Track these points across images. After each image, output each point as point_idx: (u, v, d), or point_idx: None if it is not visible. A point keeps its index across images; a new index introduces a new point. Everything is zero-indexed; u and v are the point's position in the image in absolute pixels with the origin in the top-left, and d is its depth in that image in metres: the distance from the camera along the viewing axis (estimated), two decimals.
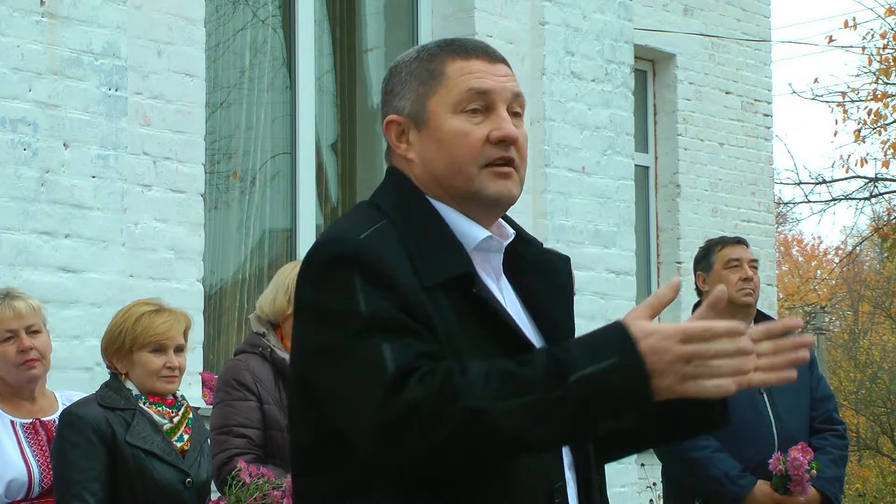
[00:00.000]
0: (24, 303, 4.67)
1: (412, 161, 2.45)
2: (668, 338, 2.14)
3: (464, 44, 2.47)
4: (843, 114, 16.09)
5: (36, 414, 4.67)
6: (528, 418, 2.14)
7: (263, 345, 4.72)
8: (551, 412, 2.14)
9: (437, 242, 2.37)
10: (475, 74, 2.42)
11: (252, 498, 4.28)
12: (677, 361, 2.14)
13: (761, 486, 5.33)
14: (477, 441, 2.16)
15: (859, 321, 31.01)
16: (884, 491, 23.71)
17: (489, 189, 2.40)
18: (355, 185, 7.61)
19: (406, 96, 2.45)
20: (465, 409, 2.14)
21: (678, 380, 2.15)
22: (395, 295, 2.25)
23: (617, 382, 2.14)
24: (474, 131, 2.40)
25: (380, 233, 2.34)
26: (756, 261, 5.76)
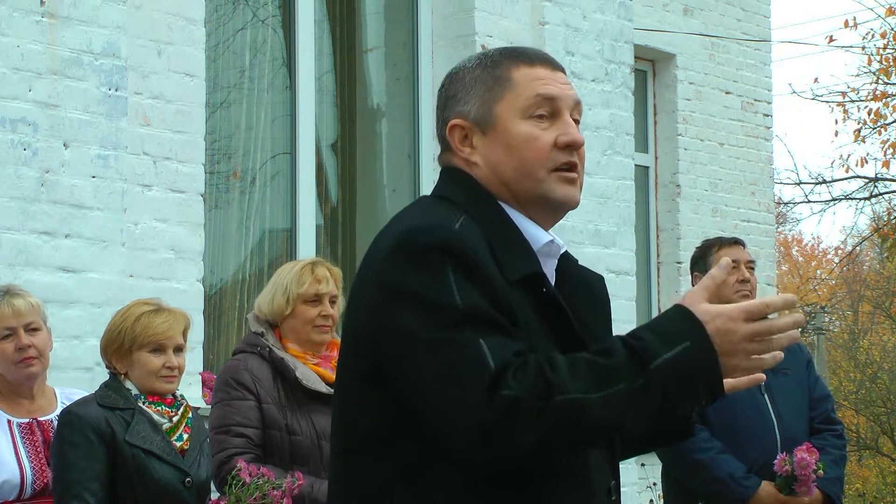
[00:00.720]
0: (24, 300, 4.67)
1: (476, 164, 2.48)
2: (733, 319, 2.24)
3: (526, 52, 2.54)
4: (843, 114, 16.09)
5: (34, 413, 4.66)
6: (620, 406, 2.22)
7: (262, 344, 4.72)
8: (640, 399, 2.22)
9: (513, 240, 2.42)
10: (542, 81, 2.48)
11: (252, 498, 4.28)
12: (744, 340, 2.24)
13: (766, 486, 5.33)
14: (577, 432, 2.23)
15: (859, 321, 31.01)
16: (884, 491, 23.70)
17: (556, 193, 2.46)
18: (355, 185, 7.61)
19: (471, 101, 2.49)
20: (563, 402, 2.20)
21: (745, 357, 2.25)
22: (486, 289, 2.29)
23: (692, 365, 2.23)
24: (542, 136, 2.45)
25: (468, 225, 2.38)
26: (753, 262, 5.76)
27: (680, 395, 2.24)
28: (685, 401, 2.26)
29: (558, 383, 2.21)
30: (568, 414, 2.20)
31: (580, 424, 2.21)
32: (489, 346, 2.23)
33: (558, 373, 2.22)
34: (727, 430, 5.36)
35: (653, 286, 9.90)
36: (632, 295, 8.09)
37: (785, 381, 5.56)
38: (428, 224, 2.37)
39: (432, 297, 2.27)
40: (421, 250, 2.32)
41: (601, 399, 2.21)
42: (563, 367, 2.23)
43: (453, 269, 2.28)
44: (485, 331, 2.25)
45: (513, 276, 2.35)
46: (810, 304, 28.90)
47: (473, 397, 2.21)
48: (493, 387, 2.20)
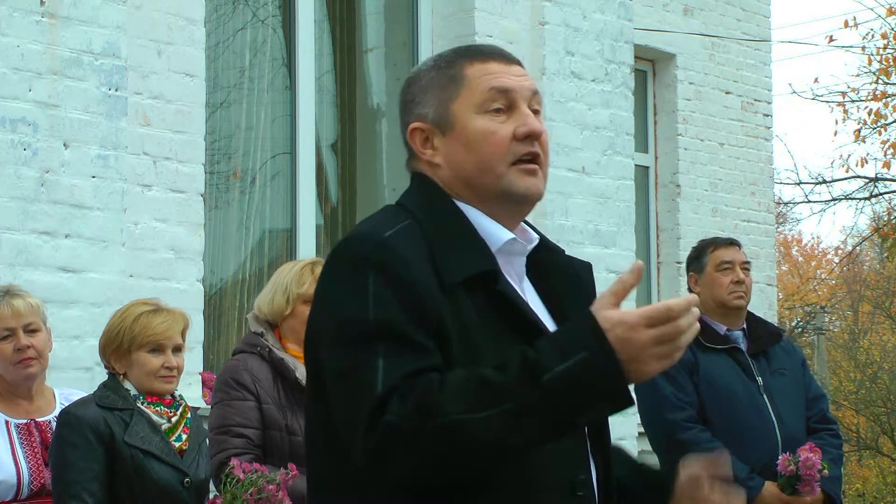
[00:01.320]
0: (23, 301, 4.66)
1: (438, 166, 2.48)
2: (633, 327, 2.17)
3: (479, 48, 2.53)
4: (843, 114, 16.09)
5: (32, 414, 4.66)
6: (506, 425, 2.17)
7: (262, 344, 4.72)
8: (529, 416, 2.17)
9: (462, 241, 2.41)
10: (495, 74, 2.47)
11: (247, 493, 4.28)
12: (648, 346, 2.17)
13: (769, 487, 5.33)
14: (458, 455, 2.19)
15: (859, 321, 31.00)
16: (884, 491, 23.70)
17: (518, 186, 2.44)
18: (355, 185, 7.61)
19: (428, 103, 2.49)
20: (441, 425, 2.18)
21: (654, 361, 2.19)
22: (408, 298, 2.29)
23: (589, 376, 2.17)
24: (500, 129, 2.44)
25: (404, 231, 2.38)
26: (748, 262, 5.75)
27: (575, 408, 2.19)
28: (582, 412, 2.20)
29: (439, 405, 2.18)
30: (446, 436, 2.17)
31: (460, 446, 2.18)
32: (385, 366, 2.23)
33: (442, 394, 2.19)
34: (728, 430, 5.36)
35: (653, 286, 9.90)
36: (632, 295, 8.08)
37: (782, 382, 5.56)
38: (360, 233, 2.40)
39: (347, 310, 2.30)
40: (347, 261, 2.36)
41: (485, 419, 2.17)
42: (451, 387, 2.20)
43: (375, 279, 2.29)
44: (389, 348, 2.25)
45: (453, 279, 2.34)
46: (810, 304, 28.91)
47: (359, 421, 2.23)
48: (376, 412, 2.21)
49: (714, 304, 5.61)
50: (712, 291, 5.63)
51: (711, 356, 5.51)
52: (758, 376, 5.53)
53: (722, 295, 5.59)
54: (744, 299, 5.61)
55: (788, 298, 29.18)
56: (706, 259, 5.68)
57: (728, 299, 5.58)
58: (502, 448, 2.20)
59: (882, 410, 24.29)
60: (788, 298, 29.18)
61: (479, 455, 2.20)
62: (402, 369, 2.23)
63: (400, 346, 2.26)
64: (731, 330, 5.60)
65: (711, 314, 5.62)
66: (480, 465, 2.23)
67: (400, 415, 2.19)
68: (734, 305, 5.60)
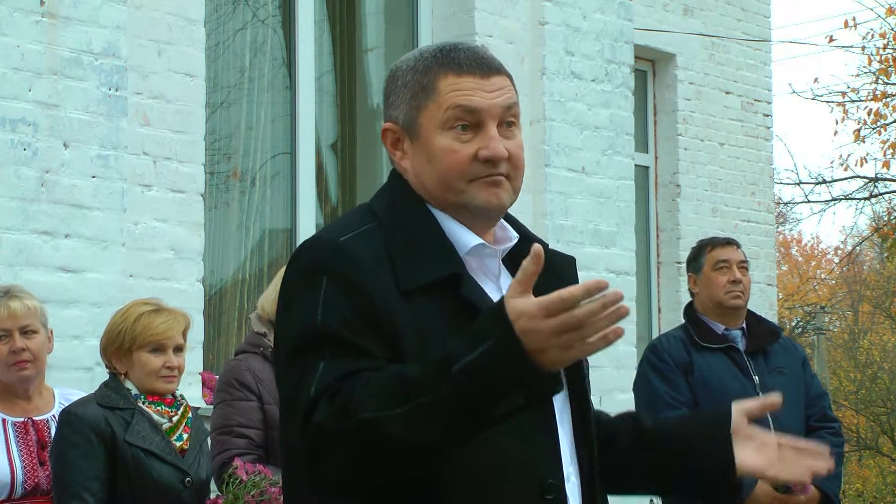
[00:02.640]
0: (21, 303, 4.65)
1: (407, 169, 2.48)
2: (533, 317, 2.11)
3: (457, 57, 2.45)
4: (843, 114, 16.10)
5: (30, 413, 4.66)
6: (420, 420, 2.15)
7: (264, 344, 4.72)
8: (442, 409, 2.15)
9: (427, 245, 2.39)
10: (464, 92, 2.42)
11: (249, 495, 4.28)
12: (550, 336, 2.12)
13: (761, 485, 5.32)
14: (378, 452, 2.18)
15: (859, 321, 31.01)
16: (884, 491, 23.70)
17: (477, 200, 2.42)
18: (355, 185, 7.61)
19: (400, 106, 2.48)
20: (359, 422, 2.17)
21: (562, 350, 2.13)
22: (357, 303, 2.28)
23: (494, 365, 2.13)
24: (462, 150, 2.41)
25: (363, 236, 2.37)
26: (746, 262, 5.74)
27: (487, 398, 2.14)
28: (496, 402, 2.14)
29: (360, 403, 2.17)
30: (365, 434, 2.17)
31: (377, 443, 2.17)
32: (323, 370, 2.24)
33: (364, 392, 2.18)
34: None
35: (653, 286, 9.90)
36: (632, 295, 8.09)
37: (780, 381, 5.55)
38: (316, 239, 2.41)
39: (298, 316, 2.32)
40: (301, 267, 2.37)
41: (402, 415, 2.15)
42: (371, 385, 2.20)
43: (327, 285, 2.30)
44: (334, 352, 2.25)
45: (412, 284, 2.32)
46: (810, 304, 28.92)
47: (295, 424, 2.25)
48: (308, 414, 2.22)
49: (711, 303, 5.61)
50: (709, 291, 5.63)
51: (707, 355, 5.51)
52: (754, 375, 5.52)
53: (718, 294, 5.59)
54: (741, 299, 5.60)
55: (788, 298, 29.17)
56: (704, 259, 5.68)
57: (724, 299, 5.58)
58: (420, 444, 2.17)
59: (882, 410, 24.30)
60: (788, 298, 29.17)
61: (398, 451, 2.18)
62: (337, 372, 2.24)
63: (344, 350, 2.26)
64: (730, 329, 5.60)
65: (709, 314, 5.62)
66: (402, 462, 2.21)
67: (325, 415, 2.20)
68: (731, 305, 5.59)
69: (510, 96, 2.46)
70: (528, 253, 2.50)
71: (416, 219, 2.43)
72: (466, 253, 2.42)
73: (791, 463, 2.58)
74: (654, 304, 9.89)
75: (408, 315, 2.30)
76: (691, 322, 5.64)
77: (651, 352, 5.61)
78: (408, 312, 2.30)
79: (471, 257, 2.44)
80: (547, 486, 2.34)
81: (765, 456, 2.58)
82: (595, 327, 2.12)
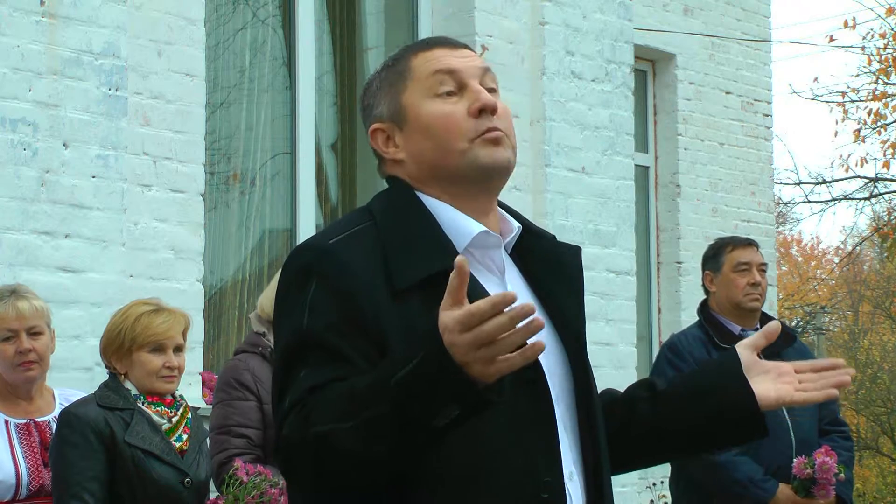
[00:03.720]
0: (28, 303, 4.65)
1: (403, 161, 2.46)
2: (451, 331, 2.09)
3: (423, 40, 2.55)
4: (843, 114, 16.10)
5: (31, 414, 4.66)
6: (367, 434, 2.16)
7: (264, 344, 4.72)
8: (384, 423, 2.15)
9: (422, 241, 2.37)
10: (439, 59, 2.46)
11: (250, 496, 4.28)
12: (469, 349, 2.08)
13: (783, 489, 5.31)
14: (334, 464, 2.20)
15: (859, 321, 31.00)
16: (884, 491, 23.70)
17: (483, 158, 2.40)
18: (355, 185, 7.61)
19: (381, 103, 2.49)
20: (314, 435, 2.20)
21: (484, 364, 2.09)
22: (344, 306, 2.28)
23: (425, 378, 2.12)
24: (454, 110, 2.42)
25: (354, 237, 2.37)
26: (765, 264, 5.74)
27: (425, 411, 2.12)
28: (435, 415, 2.13)
29: (316, 417, 2.20)
30: (321, 448, 2.19)
31: (332, 456, 2.19)
32: (301, 379, 2.26)
33: (324, 405, 2.20)
34: None
35: (653, 286, 9.90)
36: (632, 295, 8.09)
37: None
38: (307, 242, 2.42)
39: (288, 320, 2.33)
40: (292, 271, 2.38)
41: (347, 429, 2.16)
42: (329, 399, 2.21)
43: (315, 289, 2.31)
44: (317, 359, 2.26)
45: (405, 283, 2.31)
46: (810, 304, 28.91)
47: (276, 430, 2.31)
48: (281, 427, 2.27)
49: (729, 304, 5.60)
50: (728, 292, 5.62)
51: None
52: None
53: (738, 296, 5.58)
54: (759, 301, 5.61)
55: (788, 298, 29.16)
56: (723, 259, 5.66)
57: (743, 301, 5.57)
58: (370, 457, 2.18)
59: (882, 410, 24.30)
60: (788, 298, 29.16)
61: (351, 465, 2.19)
62: (312, 382, 2.25)
63: (326, 357, 2.26)
64: (746, 330, 5.59)
65: (726, 314, 5.61)
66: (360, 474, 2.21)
67: (291, 427, 2.23)
68: (749, 307, 5.59)
69: (483, 62, 2.49)
70: (533, 246, 2.50)
71: (413, 215, 2.41)
72: (469, 245, 2.40)
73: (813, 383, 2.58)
74: (654, 304, 9.89)
75: (397, 316, 2.29)
76: (708, 321, 5.63)
77: (670, 350, 5.59)
78: (397, 313, 2.29)
79: (474, 250, 2.41)
80: (543, 484, 2.31)
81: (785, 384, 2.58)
82: (510, 342, 2.07)
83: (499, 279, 2.43)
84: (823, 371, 2.58)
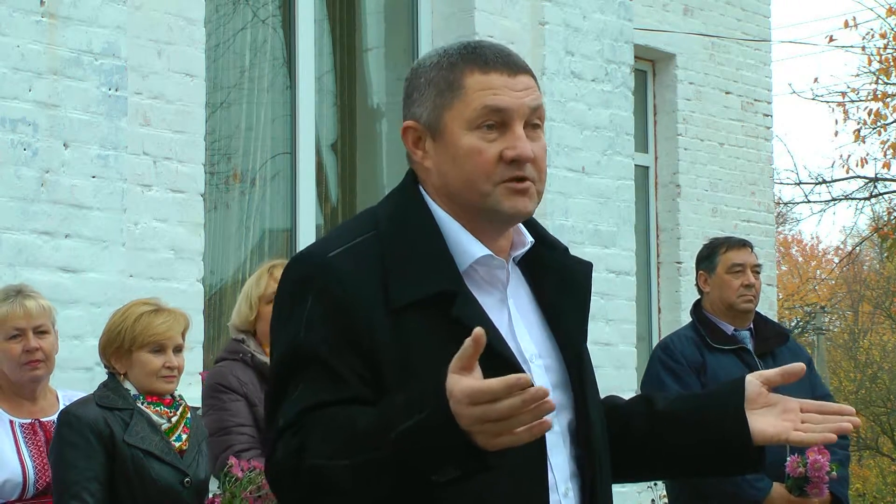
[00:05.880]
0: (35, 302, 4.66)
1: (429, 169, 2.42)
2: (459, 402, 2.07)
3: (484, 54, 2.40)
4: (843, 114, 16.10)
5: (36, 414, 4.66)
6: (363, 476, 2.15)
7: (244, 351, 4.76)
8: (382, 470, 2.14)
9: (423, 259, 2.34)
10: (492, 90, 2.36)
11: (246, 492, 4.28)
12: (475, 423, 2.06)
13: (777, 488, 5.32)
14: (327, 498, 2.20)
15: (859, 321, 31.01)
16: (884, 491, 23.70)
17: (503, 206, 2.37)
18: (355, 185, 7.61)
19: (424, 104, 2.41)
20: (309, 468, 2.19)
21: (489, 437, 2.08)
22: (340, 322, 2.26)
23: (427, 436, 2.10)
24: (488, 150, 2.35)
25: (356, 249, 2.34)
26: (759, 265, 5.74)
27: (425, 466, 2.11)
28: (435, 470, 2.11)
29: (314, 447, 2.19)
30: (315, 480, 2.18)
31: (330, 490, 2.18)
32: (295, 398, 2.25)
33: (320, 435, 2.19)
34: None
35: (653, 286, 9.90)
36: (632, 295, 8.09)
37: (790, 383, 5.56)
38: (307, 252, 2.40)
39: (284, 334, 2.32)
40: (290, 283, 2.36)
41: (344, 468, 2.16)
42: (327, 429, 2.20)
43: (312, 303, 2.29)
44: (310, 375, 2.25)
45: (402, 301, 2.28)
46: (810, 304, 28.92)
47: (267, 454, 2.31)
48: (274, 447, 2.26)
49: (723, 305, 5.61)
50: (722, 293, 5.62)
51: (718, 356, 5.51)
52: None
53: (731, 297, 5.59)
54: (752, 303, 5.61)
55: (788, 298, 29.17)
56: (718, 259, 5.67)
57: (737, 302, 5.58)
58: (365, 497, 2.18)
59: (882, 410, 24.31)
60: (788, 298, 29.17)
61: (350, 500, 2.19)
62: (305, 403, 2.24)
63: (321, 374, 2.25)
64: (738, 330, 5.60)
65: (719, 315, 5.62)
66: None
67: (284, 453, 2.22)
68: (743, 308, 5.60)
69: (537, 97, 2.41)
70: (544, 257, 2.48)
71: (419, 229, 2.38)
72: (475, 261, 2.38)
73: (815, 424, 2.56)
74: (654, 304, 9.90)
75: (393, 334, 2.27)
76: (700, 322, 5.64)
77: (663, 351, 5.60)
78: (393, 331, 2.27)
79: (478, 266, 2.39)
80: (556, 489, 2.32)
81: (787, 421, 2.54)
82: (519, 421, 2.05)
83: (501, 293, 2.42)
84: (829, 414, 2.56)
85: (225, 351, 4.87)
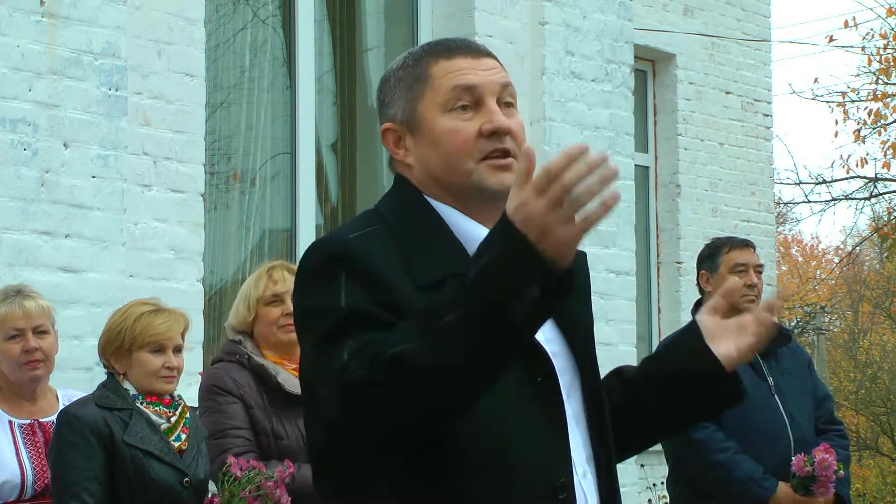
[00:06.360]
0: (35, 302, 4.67)
1: (411, 166, 2.46)
2: (526, 201, 2.09)
3: (446, 43, 2.49)
4: (843, 114, 16.10)
5: (35, 415, 4.66)
6: (443, 342, 2.12)
7: (240, 352, 4.75)
8: (461, 324, 2.12)
9: (434, 243, 2.38)
10: (460, 72, 2.43)
11: (245, 491, 4.28)
12: (547, 213, 2.09)
13: (783, 488, 5.32)
14: (414, 383, 2.14)
15: (859, 321, 31.01)
16: (884, 491, 23.70)
17: (489, 182, 2.40)
18: (355, 185, 7.61)
19: (397, 103, 2.47)
20: (387, 362, 2.15)
21: (559, 226, 2.09)
22: (377, 292, 2.27)
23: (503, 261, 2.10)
24: (465, 127, 2.40)
25: (372, 234, 2.37)
26: (761, 265, 5.75)
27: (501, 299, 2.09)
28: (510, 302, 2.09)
29: (386, 347, 2.16)
30: (394, 369, 2.14)
31: (411, 374, 2.13)
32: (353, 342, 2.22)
33: (390, 338, 2.17)
34: (741, 431, 5.36)
35: (653, 286, 9.90)
36: (632, 295, 8.09)
37: (791, 382, 5.57)
38: (324, 239, 2.41)
39: (322, 306, 2.29)
40: (314, 267, 2.35)
41: (423, 343, 2.13)
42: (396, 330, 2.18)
43: (347, 275, 2.29)
44: (361, 326, 2.24)
45: (424, 280, 2.31)
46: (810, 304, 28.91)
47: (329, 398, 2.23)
48: (341, 376, 2.20)
49: (730, 311, 5.61)
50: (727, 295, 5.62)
51: None
52: (768, 377, 5.53)
53: (734, 298, 5.59)
54: (755, 303, 5.61)
55: (788, 298, 29.16)
56: (720, 259, 5.67)
57: (739, 302, 5.58)
58: (448, 369, 2.13)
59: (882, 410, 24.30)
60: (788, 298, 29.16)
61: (428, 382, 2.14)
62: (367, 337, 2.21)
63: (372, 323, 2.24)
64: None
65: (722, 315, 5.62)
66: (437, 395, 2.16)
67: (357, 369, 2.18)
68: (745, 308, 5.60)
69: (504, 75, 2.46)
70: None
71: (422, 218, 2.41)
72: None
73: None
74: (654, 304, 9.90)
75: None
76: None
77: None
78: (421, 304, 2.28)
79: None
80: (560, 486, 2.33)
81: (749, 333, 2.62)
82: (589, 193, 2.09)
83: None
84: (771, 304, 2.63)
85: (222, 352, 4.87)
